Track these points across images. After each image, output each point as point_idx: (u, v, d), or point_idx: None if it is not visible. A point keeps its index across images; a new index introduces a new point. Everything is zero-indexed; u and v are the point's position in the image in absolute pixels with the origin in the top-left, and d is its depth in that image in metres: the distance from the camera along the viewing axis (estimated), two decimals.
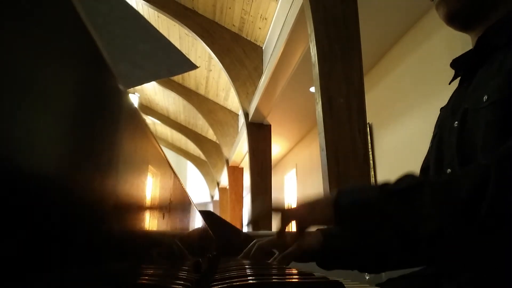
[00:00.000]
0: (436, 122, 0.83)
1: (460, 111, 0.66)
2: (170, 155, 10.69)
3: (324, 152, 2.09)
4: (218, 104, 7.40)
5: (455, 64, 0.75)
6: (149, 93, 8.31)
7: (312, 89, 4.21)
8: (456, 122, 0.66)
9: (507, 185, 0.44)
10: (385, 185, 0.56)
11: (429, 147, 0.80)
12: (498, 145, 0.54)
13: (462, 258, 0.53)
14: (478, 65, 0.67)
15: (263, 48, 5.43)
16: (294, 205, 0.70)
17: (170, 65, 0.84)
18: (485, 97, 0.59)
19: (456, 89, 0.76)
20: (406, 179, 0.55)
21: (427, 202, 0.50)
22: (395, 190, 0.54)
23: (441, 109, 0.85)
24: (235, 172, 7.66)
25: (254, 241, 0.94)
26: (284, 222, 0.70)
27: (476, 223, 0.45)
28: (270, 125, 5.56)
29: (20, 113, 0.13)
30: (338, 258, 0.82)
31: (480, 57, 0.67)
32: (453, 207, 0.47)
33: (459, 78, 0.76)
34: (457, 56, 0.75)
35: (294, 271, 0.69)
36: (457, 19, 0.70)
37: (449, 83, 0.78)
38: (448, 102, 0.77)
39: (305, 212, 0.65)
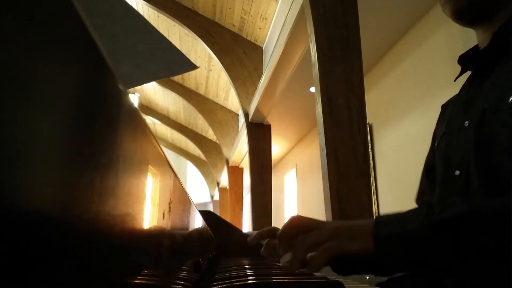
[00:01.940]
0: (440, 120, 0.81)
1: (475, 110, 0.64)
2: (170, 155, 10.69)
3: (324, 152, 2.09)
4: (218, 104, 7.40)
5: (462, 60, 0.75)
6: (149, 93, 8.31)
7: (312, 89, 4.21)
8: (467, 122, 0.64)
9: None
10: (430, 213, 0.53)
11: (434, 146, 0.79)
12: None
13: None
14: (493, 61, 0.66)
15: (263, 48, 5.43)
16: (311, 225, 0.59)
17: (170, 65, 0.84)
18: (511, 98, 0.57)
19: (464, 86, 0.74)
20: (455, 206, 0.53)
21: (487, 231, 0.49)
22: (445, 219, 0.52)
23: (443, 106, 0.84)
24: (235, 172, 7.66)
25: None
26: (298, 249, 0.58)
27: None
28: (270, 125, 5.56)
29: (20, 113, 0.13)
30: (357, 266, 0.68)
31: (496, 54, 0.66)
32: None
33: (466, 74, 0.75)
34: (462, 53, 0.75)
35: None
36: (465, 16, 0.70)
37: (455, 80, 0.77)
38: (456, 100, 0.76)
39: (341, 237, 0.57)
